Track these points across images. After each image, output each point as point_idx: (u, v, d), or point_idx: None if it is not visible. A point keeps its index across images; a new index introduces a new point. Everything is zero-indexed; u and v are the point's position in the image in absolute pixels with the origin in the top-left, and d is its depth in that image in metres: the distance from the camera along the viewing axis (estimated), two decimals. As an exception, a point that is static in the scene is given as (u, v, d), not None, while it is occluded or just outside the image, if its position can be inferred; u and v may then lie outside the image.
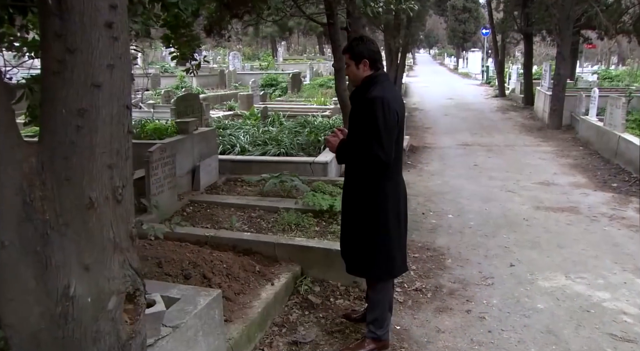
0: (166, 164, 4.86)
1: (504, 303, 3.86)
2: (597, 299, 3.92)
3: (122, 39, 1.48)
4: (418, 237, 5.22)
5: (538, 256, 4.73)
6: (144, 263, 3.50)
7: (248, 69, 21.46)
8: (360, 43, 3.03)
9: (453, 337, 3.41)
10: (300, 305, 3.79)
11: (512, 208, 6.17)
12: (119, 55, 1.47)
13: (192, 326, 2.53)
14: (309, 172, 6.17)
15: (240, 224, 4.70)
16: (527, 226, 5.55)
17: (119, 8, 1.45)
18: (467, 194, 6.81)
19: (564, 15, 12.43)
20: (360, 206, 3.07)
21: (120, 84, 1.49)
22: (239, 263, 3.77)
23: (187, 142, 5.67)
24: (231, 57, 22.23)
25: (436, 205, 6.30)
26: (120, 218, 1.53)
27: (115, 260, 1.51)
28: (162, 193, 4.82)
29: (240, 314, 3.25)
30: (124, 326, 1.53)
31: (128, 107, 1.54)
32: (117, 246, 1.52)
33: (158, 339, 2.29)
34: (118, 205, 1.52)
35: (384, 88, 2.95)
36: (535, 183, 7.40)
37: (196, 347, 2.56)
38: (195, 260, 3.61)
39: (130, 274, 1.55)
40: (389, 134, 2.85)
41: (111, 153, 1.48)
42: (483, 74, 29.99)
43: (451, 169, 8.30)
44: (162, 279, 3.31)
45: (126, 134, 1.53)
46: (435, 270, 4.43)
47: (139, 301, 1.57)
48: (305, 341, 3.34)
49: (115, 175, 1.50)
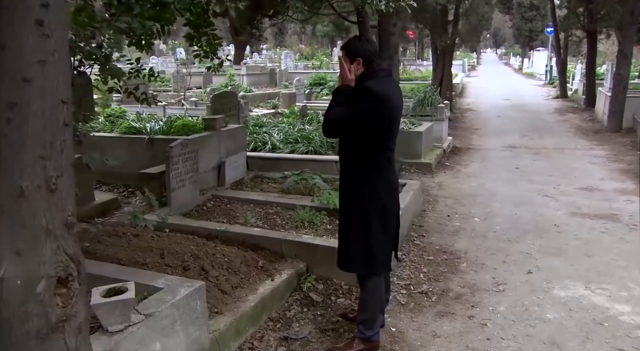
0: (187, 159, 5.01)
1: (511, 310, 3.71)
2: (615, 312, 3.69)
3: (56, 37, 1.55)
4: (437, 240, 5.10)
5: (561, 264, 4.51)
6: (148, 253, 3.63)
7: (301, 68, 21.69)
8: (357, 42, 3.04)
9: (448, 343, 3.32)
10: (300, 302, 3.81)
11: (545, 213, 5.90)
12: (51, 51, 1.54)
13: (169, 316, 2.61)
14: (334, 170, 6.17)
15: (255, 220, 4.77)
16: (557, 233, 5.29)
17: (51, 6, 1.53)
18: (500, 197, 6.58)
19: (627, 11, 11.73)
20: (346, 201, 3.09)
21: (55, 79, 1.57)
22: (241, 258, 3.84)
23: (213, 139, 5.82)
24: (283, 56, 22.56)
25: (464, 208, 6.13)
26: (54, 206, 1.61)
27: (47, 246, 1.59)
28: (183, 187, 4.97)
29: (232, 307, 3.31)
30: (54, 309, 1.61)
31: (64, 102, 1.61)
32: (50, 233, 1.60)
33: (128, 326, 2.38)
34: (51, 194, 1.60)
35: (380, 83, 2.93)
36: (578, 188, 7.04)
37: (173, 336, 2.64)
38: (197, 253, 3.71)
39: (63, 260, 1.63)
40: (358, 121, 2.85)
41: (44, 145, 1.56)
42: (546, 74, 28.77)
43: (490, 172, 8.05)
44: (162, 269, 3.42)
45: (62, 127, 1.61)
46: (446, 274, 4.32)
47: (72, 286, 1.65)
48: (297, 338, 3.35)
49: (49, 166, 1.58)
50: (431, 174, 7.78)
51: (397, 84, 3.18)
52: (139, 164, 5.47)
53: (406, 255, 4.65)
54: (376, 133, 2.92)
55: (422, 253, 4.73)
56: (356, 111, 2.85)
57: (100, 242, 3.78)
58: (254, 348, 3.22)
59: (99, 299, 2.32)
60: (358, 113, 2.85)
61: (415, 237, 5.11)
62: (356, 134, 2.93)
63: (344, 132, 3.02)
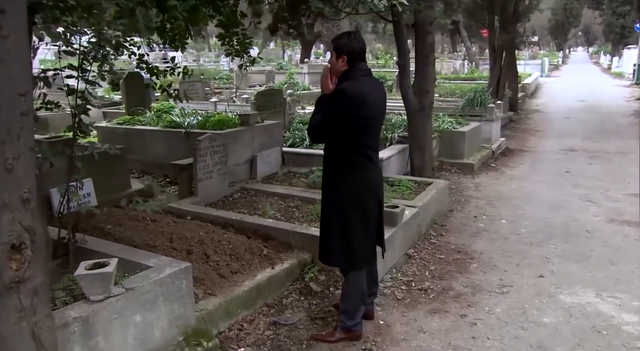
0: (216, 152, 5.31)
1: (507, 312, 3.67)
2: (619, 321, 3.54)
3: (13, 38, 1.81)
4: (455, 239, 5.07)
5: (578, 270, 4.36)
6: (159, 237, 3.93)
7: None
8: (343, 38, 3.12)
9: (431, 338, 3.35)
10: (300, 291, 3.97)
11: (580, 219, 5.67)
12: (8, 51, 1.80)
13: (151, 291, 2.86)
14: (364, 168, 6.25)
15: (274, 212, 4.98)
16: (586, 239, 5.09)
17: (7, 12, 1.79)
18: (537, 200, 6.38)
19: None
20: (326, 198, 3.21)
21: (13, 74, 1.83)
22: (246, 246, 4.05)
23: (245, 134, 6.09)
24: (347, 55, 22.62)
25: (494, 209, 6.01)
26: (11, 184, 1.87)
27: (4, 218, 1.86)
28: (211, 178, 5.28)
29: (226, 290, 3.53)
30: (8, 271, 1.87)
31: (21, 94, 1.87)
32: (6, 206, 1.86)
33: (108, 297, 2.65)
34: (8, 174, 1.86)
35: (357, 83, 3.02)
36: (627, 194, 6.66)
37: (155, 310, 2.89)
38: (204, 239, 3.97)
39: (17, 229, 1.89)
40: (334, 123, 2.98)
41: (1, 131, 1.83)
42: (634, 73, 26.86)
43: (536, 175, 7.77)
44: (168, 252, 3.70)
45: (19, 116, 1.87)
46: (453, 273, 4.32)
47: (25, 253, 1.90)
48: (286, 324, 3.52)
49: (7, 148, 1.84)
50: (472, 175, 7.64)
51: (376, 83, 3.23)
52: (177, 156, 5.84)
53: (418, 253, 4.68)
54: (353, 132, 3.01)
55: (434, 252, 4.73)
56: (330, 114, 2.98)
57: (121, 225, 4.13)
58: (242, 330, 3.41)
59: (82, 271, 2.61)
60: (332, 117, 2.97)
61: (432, 236, 5.11)
62: (335, 135, 3.04)
63: (325, 136, 3.14)
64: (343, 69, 3.09)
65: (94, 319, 2.56)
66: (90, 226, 4.01)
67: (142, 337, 2.83)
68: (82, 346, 2.51)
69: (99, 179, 4.79)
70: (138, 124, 7.21)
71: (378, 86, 3.22)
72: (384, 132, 7.27)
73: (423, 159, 6.58)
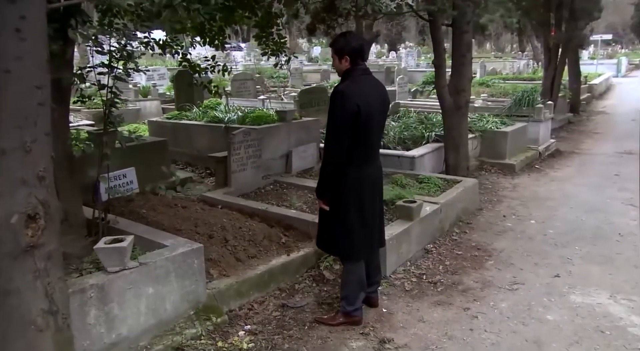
0: (250, 146, 5.62)
1: (512, 308, 3.71)
2: (626, 323, 3.51)
3: (31, 39, 2.14)
4: (478, 237, 5.10)
5: (598, 272, 4.30)
6: (186, 222, 4.26)
7: (424, 66, 21.54)
8: (342, 39, 3.28)
9: (429, 328, 3.47)
10: (313, 278, 4.18)
11: (615, 222, 5.52)
12: (26, 51, 2.14)
13: (163, 267, 3.17)
14: (395, 164, 6.37)
15: (301, 204, 5.22)
16: (616, 242, 4.97)
17: (27, 18, 2.12)
18: (574, 202, 6.24)
19: None
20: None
21: (30, 70, 2.16)
22: (265, 233, 4.31)
23: (282, 130, 6.37)
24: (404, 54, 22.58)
25: (526, 210, 5.95)
26: (29, 163, 2.21)
27: (22, 192, 2.20)
28: (244, 171, 5.59)
29: (240, 273, 3.81)
30: (24, 237, 2.21)
31: (39, 87, 2.20)
32: (24, 182, 2.20)
33: (123, 269, 2.98)
34: (27, 154, 2.20)
35: (353, 83, 3.19)
36: (676, 199, 6.38)
37: (167, 284, 3.20)
38: (225, 225, 4.26)
39: (33, 202, 2.22)
40: (342, 126, 3.10)
41: (20, 118, 2.16)
42: None
43: (581, 177, 7.56)
44: (192, 236, 4.02)
45: (36, 106, 2.20)
46: (467, 269, 4.38)
47: (39, 222, 2.24)
48: (294, 307, 3.74)
49: (25, 133, 2.18)
50: (512, 175, 7.55)
51: (375, 82, 3.34)
52: (218, 149, 6.20)
53: (436, 248, 4.76)
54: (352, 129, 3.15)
55: (453, 248, 4.80)
56: (333, 124, 3.14)
57: (155, 210, 4.51)
58: (252, 309, 3.67)
59: (101, 245, 2.96)
60: (336, 121, 3.13)
61: (455, 233, 5.17)
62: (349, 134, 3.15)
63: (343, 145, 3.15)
64: (345, 68, 3.26)
65: (109, 287, 2.90)
66: (128, 210, 4.41)
67: (155, 308, 3.14)
68: (98, 310, 2.86)
69: (143, 168, 5.21)
70: (185, 119, 7.68)
71: (377, 84, 3.36)
72: (421, 131, 7.34)
73: (457, 158, 6.61)
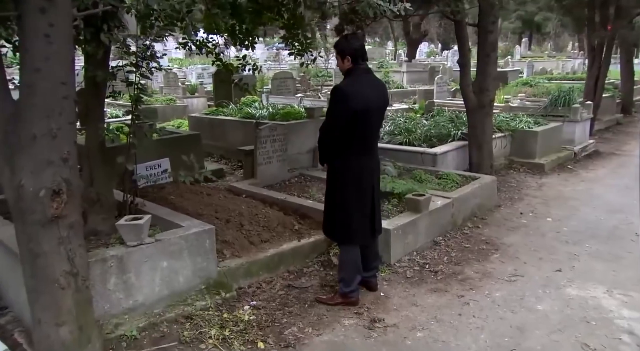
0: (276, 140, 5.98)
1: (505, 298, 3.88)
2: (615, 315, 3.60)
3: (58, 42, 2.56)
4: (490, 232, 5.24)
5: (602, 269, 4.37)
6: (207, 207, 4.66)
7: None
8: (343, 41, 3.57)
9: (420, 311, 3.70)
10: (322, 263, 4.48)
11: (635, 223, 5.49)
12: (54, 52, 2.55)
13: (176, 244, 3.56)
14: (419, 161, 6.56)
15: (320, 195, 5.51)
16: (630, 241, 4.99)
17: (56, 26, 2.54)
18: (598, 203, 6.23)
19: None
20: (328, 177, 3.69)
21: (58, 69, 2.58)
22: (280, 220, 4.65)
23: (309, 126, 6.70)
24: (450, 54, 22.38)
25: (546, 208, 6.01)
26: (55, 146, 2.63)
27: (49, 171, 2.62)
28: (270, 163, 5.96)
29: (251, 254, 4.16)
30: (50, 209, 2.63)
31: (64, 83, 2.62)
32: (50, 163, 2.62)
33: (139, 244, 3.39)
34: (53, 139, 2.62)
35: (353, 81, 3.47)
36: None
37: (180, 260, 3.59)
38: (243, 212, 4.63)
39: (58, 179, 2.64)
40: (334, 120, 3.41)
41: (47, 109, 2.58)
42: None
43: (613, 178, 7.46)
44: (211, 220, 4.40)
45: (61, 99, 2.62)
46: (471, 260, 4.55)
47: (62, 197, 2.66)
48: (299, 287, 4.06)
49: (52, 122, 2.60)
50: (540, 175, 7.55)
51: (375, 80, 3.60)
52: (249, 143, 6.60)
53: (445, 240, 4.95)
54: (350, 124, 3.44)
55: (462, 241, 4.98)
56: (332, 113, 3.45)
57: (182, 196, 4.94)
58: (260, 288, 4.01)
59: (122, 221, 3.38)
60: (333, 114, 3.44)
61: (467, 227, 5.32)
62: (341, 129, 3.46)
63: (333, 134, 3.49)
64: (347, 68, 3.54)
65: (128, 259, 3.32)
66: (159, 196, 4.86)
67: (168, 280, 3.54)
68: (117, 278, 3.28)
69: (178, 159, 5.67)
70: (221, 114, 8.16)
71: (376, 82, 3.62)
72: (448, 129, 7.47)
73: (481, 157, 6.72)
